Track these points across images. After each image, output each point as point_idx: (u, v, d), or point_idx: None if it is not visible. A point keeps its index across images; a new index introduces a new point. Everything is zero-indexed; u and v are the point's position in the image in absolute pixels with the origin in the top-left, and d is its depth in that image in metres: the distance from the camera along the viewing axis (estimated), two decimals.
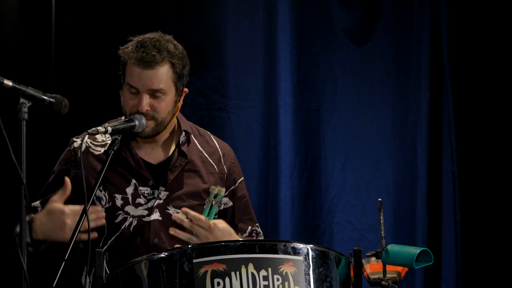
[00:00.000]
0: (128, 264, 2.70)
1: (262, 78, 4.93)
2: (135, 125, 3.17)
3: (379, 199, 2.91)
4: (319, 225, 4.96)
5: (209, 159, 3.40)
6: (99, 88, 4.58)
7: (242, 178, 3.49)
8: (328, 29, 4.99)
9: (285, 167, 4.91)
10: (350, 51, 5.00)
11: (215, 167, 3.40)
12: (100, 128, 3.07)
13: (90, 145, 3.32)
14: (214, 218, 3.20)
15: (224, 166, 3.42)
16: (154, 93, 3.20)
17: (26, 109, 2.72)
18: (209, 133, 3.50)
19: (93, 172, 3.24)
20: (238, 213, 3.45)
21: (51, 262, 3.20)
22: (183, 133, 3.36)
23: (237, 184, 3.46)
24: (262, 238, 3.51)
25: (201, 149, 3.40)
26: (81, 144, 3.25)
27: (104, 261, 2.70)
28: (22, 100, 2.72)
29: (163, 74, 3.20)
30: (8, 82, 2.71)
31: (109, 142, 3.28)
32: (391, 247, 2.85)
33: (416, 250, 2.80)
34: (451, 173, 4.99)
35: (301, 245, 2.67)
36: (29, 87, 2.75)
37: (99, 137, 3.35)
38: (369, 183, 4.99)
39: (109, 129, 3.09)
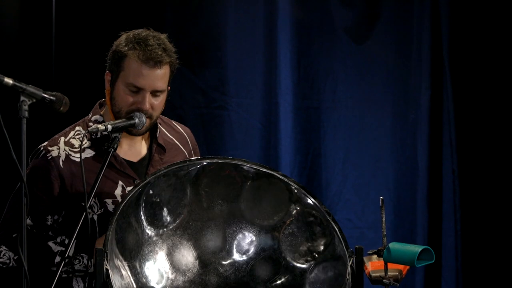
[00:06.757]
0: None
1: (262, 76, 4.93)
2: (135, 122, 3.11)
3: (381, 197, 2.90)
4: None
5: (179, 145, 3.38)
6: (100, 87, 4.56)
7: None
8: (328, 27, 4.99)
9: (285, 165, 4.91)
10: (350, 49, 5.00)
11: (184, 151, 3.38)
12: (101, 126, 2.99)
13: (70, 152, 3.19)
14: None
15: (191, 148, 3.42)
16: (155, 93, 3.15)
17: (26, 107, 2.70)
18: (168, 118, 3.46)
19: (78, 179, 3.13)
20: None
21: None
22: (158, 125, 3.31)
23: None
24: None
25: (170, 136, 3.37)
26: (81, 148, 3.16)
27: (105, 259, 2.70)
28: (22, 98, 2.71)
29: (165, 74, 3.16)
30: (9, 80, 2.70)
31: (87, 146, 3.21)
32: (393, 245, 2.83)
33: (417, 249, 2.78)
34: (451, 171, 4.99)
35: None
36: (30, 85, 2.74)
37: (75, 142, 3.22)
38: (369, 181, 4.99)
39: (109, 127, 3.01)
